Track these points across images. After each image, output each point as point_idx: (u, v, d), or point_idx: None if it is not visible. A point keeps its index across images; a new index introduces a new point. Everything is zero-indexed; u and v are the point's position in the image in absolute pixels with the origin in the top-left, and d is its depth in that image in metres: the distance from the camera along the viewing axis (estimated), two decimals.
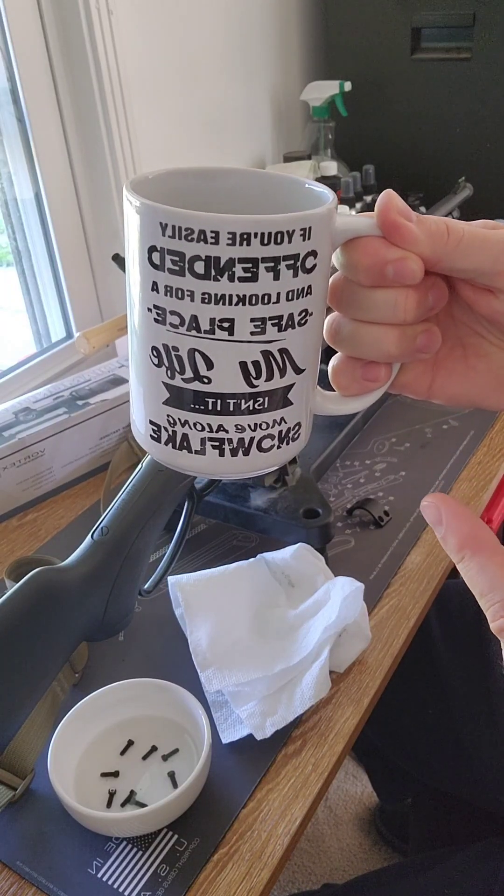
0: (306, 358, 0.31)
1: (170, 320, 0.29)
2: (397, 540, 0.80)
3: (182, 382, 0.30)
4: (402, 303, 0.31)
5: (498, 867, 0.68)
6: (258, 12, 1.45)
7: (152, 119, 1.25)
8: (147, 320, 0.29)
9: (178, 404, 0.30)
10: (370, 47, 1.49)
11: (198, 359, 0.29)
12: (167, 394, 0.30)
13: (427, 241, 0.30)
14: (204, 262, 0.27)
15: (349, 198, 1.42)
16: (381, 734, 0.90)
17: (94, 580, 0.52)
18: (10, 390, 1.14)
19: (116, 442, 0.95)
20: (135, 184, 0.30)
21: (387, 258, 0.30)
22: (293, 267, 0.28)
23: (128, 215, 0.29)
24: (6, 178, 1.13)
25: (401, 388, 0.35)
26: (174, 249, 0.27)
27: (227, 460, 0.31)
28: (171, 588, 0.69)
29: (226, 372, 0.29)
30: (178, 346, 0.29)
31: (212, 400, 0.30)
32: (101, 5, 1.07)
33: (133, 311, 0.30)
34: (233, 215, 0.27)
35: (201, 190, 0.33)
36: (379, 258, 0.30)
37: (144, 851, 0.53)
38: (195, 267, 0.27)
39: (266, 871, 0.52)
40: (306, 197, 0.32)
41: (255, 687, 0.61)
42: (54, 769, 0.54)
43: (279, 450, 0.32)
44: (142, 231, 0.28)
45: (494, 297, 0.32)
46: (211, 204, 0.33)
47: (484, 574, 0.29)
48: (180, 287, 0.28)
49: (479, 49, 1.39)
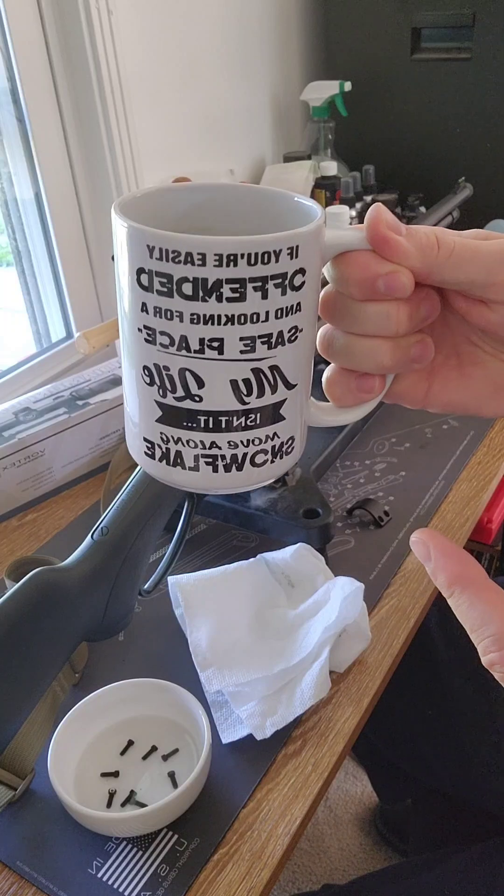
0: (297, 373, 0.31)
1: (160, 340, 0.29)
2: (397, 540, 0.80)
3: (174, 401, 0.30)
4: (395, 315, 0.31)
5: (498, 868, 0.68)
6: (258, 12, 1.45)
7: (152, 119, 1.25)
8: (138, 340, 0.30)
9: (170, 422, 0.30)
10: (370, 47, 1.49)
11: (189, 378, 0.29)
12: (160, 412, 0.30)
13: (417, 254, 0.30)
14: (192, 284, 0.27)
15: (349, 198, 1.42)
16: (380, 735, 0.90)
17: (94, 580, 0.52)
18: (10, 390, 1.14)
19: (116, 442, 0.95)
20: (122, 204, 0.30)
21: (377, 272, 0.30)
22: (281, 285, 0.28)
23: (116, 236, 0.29)
24: (6, 178, 1.13)
25: (396, 397, 0.35)
26: (162, 271, 0.27)
27: (221, 476, 0.31)
28: (171, 588, 0.69)
29: (217, 390, 0.29)
30: (168, 365, 0.29)
31: (204, 418, 0.30)
32: (101, 5, 1.07)
33: (124, 331, 0.31)
34: (219, 237, 0.27)
35: (190, 206, 0.33)
36: (370, 272, 0.30)
37: (144, 851, 0.53)
38: (183, 288, 0.27)
39: (266, 871, 0.52)
40: (295, 211, 0.31)
41: (255, 687, 0.61)
42: (54, 769, 0.54)
43: (273, 464, 0.32)
44: (130, 253, 0.28)
45: (487, 308, 0.32)
46: (200, 220, 0.33)
47: (474, 609, 0.30)
48: (169, 308, 0.28)
49: (479, 49, 1.39)
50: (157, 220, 0.29)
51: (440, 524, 0.82)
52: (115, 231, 0.29)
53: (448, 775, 0.84)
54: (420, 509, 0.84)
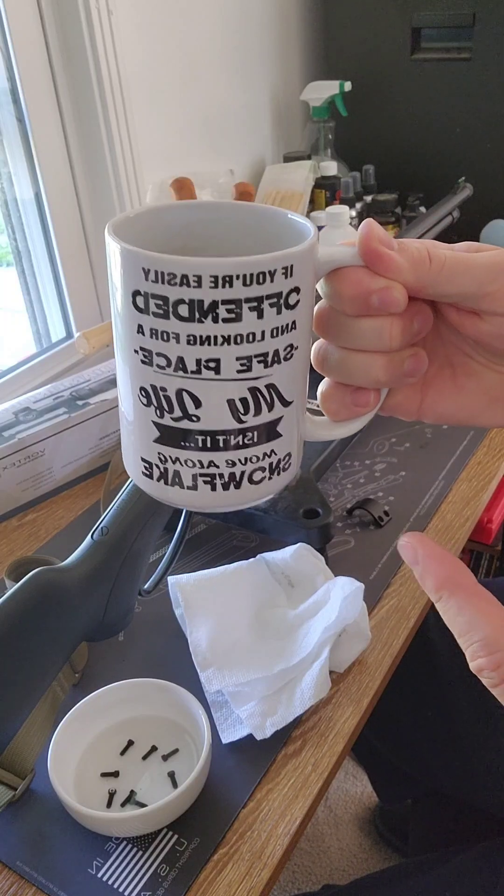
0: (293, 390, 0.31)
1: (156, 362, 0.29)
2: (397, 540, 0.80)
3: (171, 421, 0.30)
4: (388, 331, 0.31)
5: (499, 869, 0.68)
6: (258, 12, 1.45)
7: (152, 119, 1.25)
8: (134, 361, 0.30)
9: (168, 442, 0.30)
10: (370, 47, 1.49)
11: (186, 398, 0.29)
12: (157, 432, 0.30)
13: (410, 269, 0.30)
14: (188, 306, 0.27)
15: (349, 198, 1.42)
16: (380, 735, 0.90)
17: (94, 580, 0.52)
18: (10, 390, 1.14)
19: (116, 442, 0.95)
20: (115, 225, 0.30)
21: (371, 288, 0.30)
22: (276, 305, 0.28)
23: (111, 258, 0.29)
24: (6, 178, 1.13)
25: (391, 410, 0.35)
26: (158, 294, 0.27)
27: (220, 494, 0.31)
28: (171, 588, 0.69)
29: (214, 410, 0.29)
30: (165, 386, 0.29)
31: (201, 437, 0.30)
32: (101, 5, 1.07)
33: (120, 351, 0.31)
34: (214, 259, 0.27)
35: (182, 225, 0.33)
36: (363, 288, 0.30)
37: (144, 851, 0.53)
38: (179, 310, 0.27)
39: (266, 871, 0.52)
40: (288, 228, 0.31)
41: (255, 687, 0.61)
42: (54, 769, 0.54)
43: (270, 481, 0.32)
44: (125, 275, 0.28)
45: (480, 320, 0.32)
46: (193, 239, 0.33)
47: (462, 614, 0.30)
48: (166, 330, 0.28)
49: (479, 49, 1.39)
50: (150, 241, 0.29)
51: (440, 524, 0.82)
52: (108, 253, 0.29)
53: (448, 776, 0.84)
54: (420, 509, 0.84)
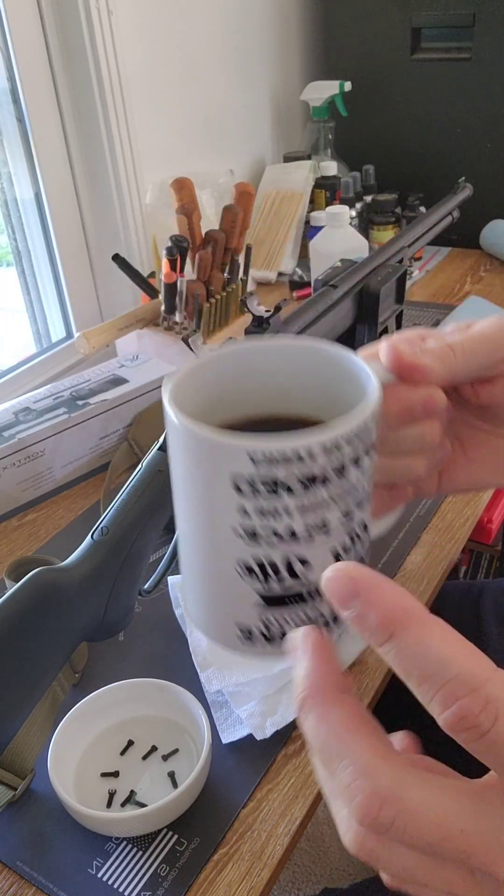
0: (370, 518, 0.31)
1: (263, 536, 0.28)
2: (397, 540, 0.80)
3: (276, 585, 0.29)
4: (430, 432, 0.32)
5: None
6: (258, 12, 1.45)
7: (152, 119, 1.25)
8: (229, 539, 0.28)
9: (272, 604, 0.30)
10: (370, 47, 1.49)
11: (293, 562, 0.29)
12: (258, 598, 0.30)
13: (441, 367, 0.31)
14: (299, 480, 0.27)
15: (349, 198, 1.43)
16: None
17: (94, 580, 0.52)
18: (10, 390, 1.14)
19: (116, 442, 0.95)
20: (176, 396, 0.28)
21: (414, 400, 0.31)
22: (368, 453, 0.28)
23: (182, 441, 0.28)
24: (6, 178, 1.13)
25: (413, 495, 0.37)
26: (266, 476, 0.26)
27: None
28: (171, 588, 0.69)
29: (321, 565, 0.29)
30: (271, 554, 0.28)
31: (306, 590, 0.29)
32: (101, 5, 1.07)
33: (203, 527, 0.29)
34: (321, 429, 0.26)
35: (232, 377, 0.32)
36: (407, 403, 0.31)
37: (144, 851, 0.53)
38: (291, 486, 0.27)
39: (266, 871, 0.52)
40: (348, 374, 0.31)
41: (255, 687, 0.61)
42: (54, 769, 0.54)
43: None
44: (219, 461, 0.27)
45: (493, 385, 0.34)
46: (246, 392, 0.32)
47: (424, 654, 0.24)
48: (275, 507, 0.27)
49: (478, 49, 1.39)
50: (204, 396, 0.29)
51: (440, 524, 0.82)
52: (181, 435, 0.27)
53: None
54: (420, 509, 0.84)
